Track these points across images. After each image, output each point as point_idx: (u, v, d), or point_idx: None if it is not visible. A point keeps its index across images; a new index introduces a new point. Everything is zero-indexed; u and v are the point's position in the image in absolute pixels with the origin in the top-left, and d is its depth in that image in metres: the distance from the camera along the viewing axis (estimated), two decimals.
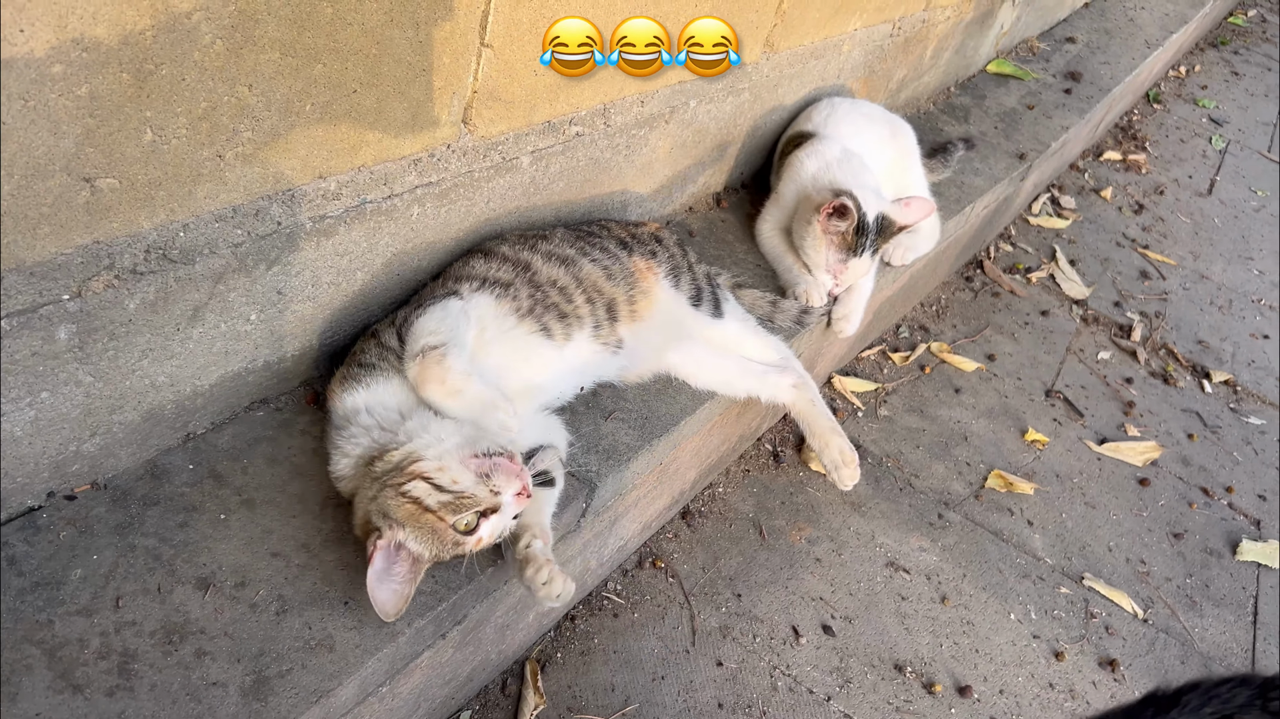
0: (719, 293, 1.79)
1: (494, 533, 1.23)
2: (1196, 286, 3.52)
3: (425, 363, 1.30)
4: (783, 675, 1.83)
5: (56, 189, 1.01)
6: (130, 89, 1.01)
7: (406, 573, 1.21)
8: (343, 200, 1.34)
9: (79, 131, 1.00)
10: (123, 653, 1.11)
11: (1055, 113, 3.34)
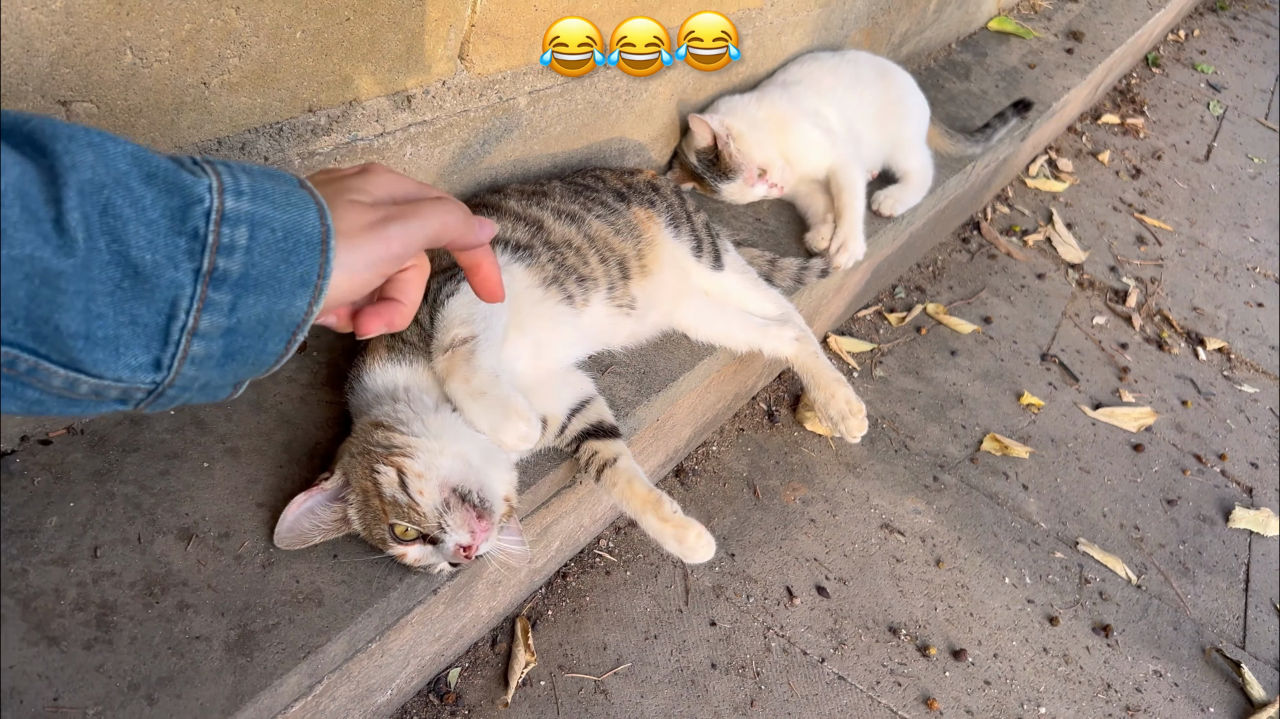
0: (719, 243, 1.74)
1: (420, 560, 1.16)
2: (1192, 253, 3.49)
3: (453, 359, 1.22)
4: (776, 636, 1.80)
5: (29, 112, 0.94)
6: (109, 6, 0.94)
7: (329, 526, 1.17)
8: (333, 136, 1.28)
9: (54, 50, 0.93)
10: (101, 604, 1.06)
11: (1056, 73, 3.29)
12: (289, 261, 0.70)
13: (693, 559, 1.38)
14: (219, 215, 0.66)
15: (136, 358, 0.66)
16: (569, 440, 1.41)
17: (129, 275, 0.64)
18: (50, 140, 0.61)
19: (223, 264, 0.67)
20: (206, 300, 0.67)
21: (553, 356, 1.42)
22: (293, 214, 0.70)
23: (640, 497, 1.38)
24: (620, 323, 1.53)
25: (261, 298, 0.69)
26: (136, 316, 0.65)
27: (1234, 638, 2.11)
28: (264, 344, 0.72)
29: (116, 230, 0.63)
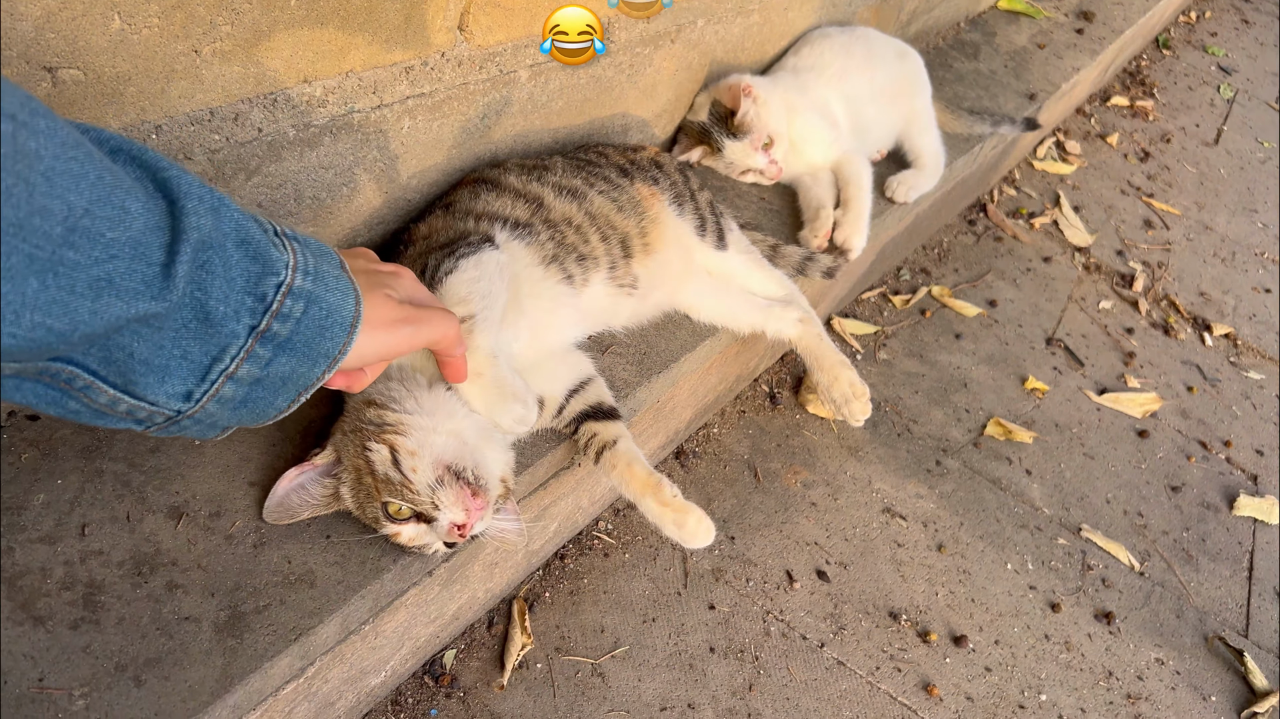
0: (722, 222, 1.70)
1: (415, 540, 1.14)
2: (1200, 237, 3.45)
3: None
4: (776, 620, 1.78)
5: (14, 79, 0.91)
6: None
7: (319, 502, 1.15)
8: (329, 108, 1.25)
9: (38, 14, 0.90)
10: (88, 584, 1.04)
11: (1066, 53, 3.24)
12: (323, 336, 0.83)
13: (692, 544, 1.35)
14: (287, 289, 0.79)
15: (175, 388, 0.76)
16: (567, 421, 1.38)
17: (199, 319, 0.73)
18: (183, 197, 0.72)
19: (275, 327, 0.78)
20: (251, 353, 0.78)
21: (551, 337, 1.39)
22: (338, 298, 0.84)
23: (640, 480, 1.35)
24: (622, 302, 1.50)
25: (293, 359, 0.81)
26: (188, 352, 0.74)
27: (1237, 626, 2.09)
28: (276, 398, 0.83)
29: (204, 282, 0.73)
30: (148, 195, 0.69)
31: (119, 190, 0.66)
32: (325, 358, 0.84)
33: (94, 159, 0.65)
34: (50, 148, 0.61)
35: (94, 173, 0.64)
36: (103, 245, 0.65)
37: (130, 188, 0.68)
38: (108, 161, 0.67)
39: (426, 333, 0.98)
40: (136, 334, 0.71)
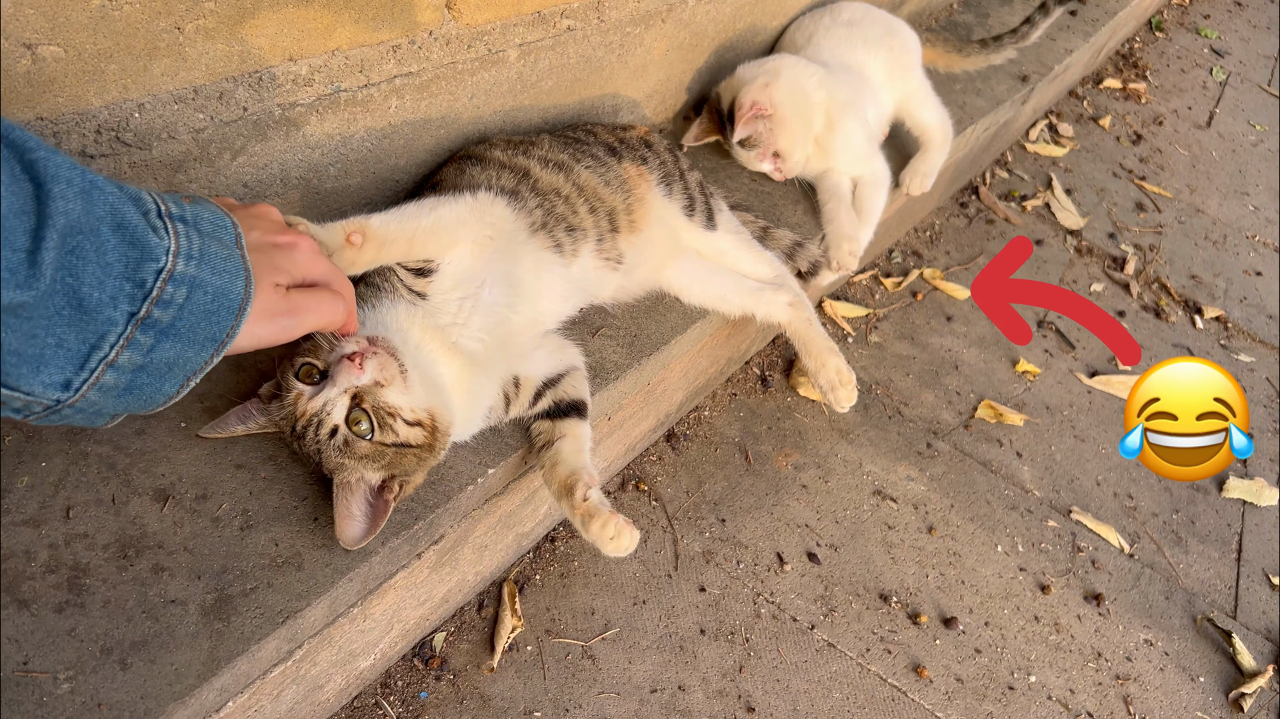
0: (712, 202, 1.69)
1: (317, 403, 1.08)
2: (1192, 220, 3.45)
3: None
4: (766, 603, 1.78)
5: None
6: None
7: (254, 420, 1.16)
8: (315, 87, 1.23)
9: None
10: (73, 567, 1.03)
11: (1059, 35, 3.23)
12: (209, 320, 0.80)
13: (606, 552, 1.24)
14: (168, 275, 0.76)
15: (52, 376, 0.73)
16: (532, 417, 1.35)
17: (72, 306, 0.71)
18: (49, 180, 0.68)
19: (156, 313, 0.76)
20: (131, 340, 0.75)
21: (539, 307, 1.37)
22: (225, 280, 0.81)
23: (559, 480, 1.28)
24: (607, 276, 1.49)
25: (176, 345, 0.79)
26: (63, 340, 0.72)
27: (1225, 608, 2.10)
28: (162, 384, 0.81)
29: (75, 268, 0.70)
30: (13, 179, 0.66)
31: None
32: (212, 342, 0.82)
33: None
34: None
35: None
36: None
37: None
38: None
39: (308, 322, 0.96)
40: (5, 324, 0.68)
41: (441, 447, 1.18)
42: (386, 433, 1.10)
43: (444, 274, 1.25)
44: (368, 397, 1.09)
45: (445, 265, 1.26)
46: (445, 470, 1.26)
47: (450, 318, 1.26)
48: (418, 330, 1.22)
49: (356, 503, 1.12)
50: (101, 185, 0.73)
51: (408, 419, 1.11)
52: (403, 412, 1.11)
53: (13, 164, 0.67)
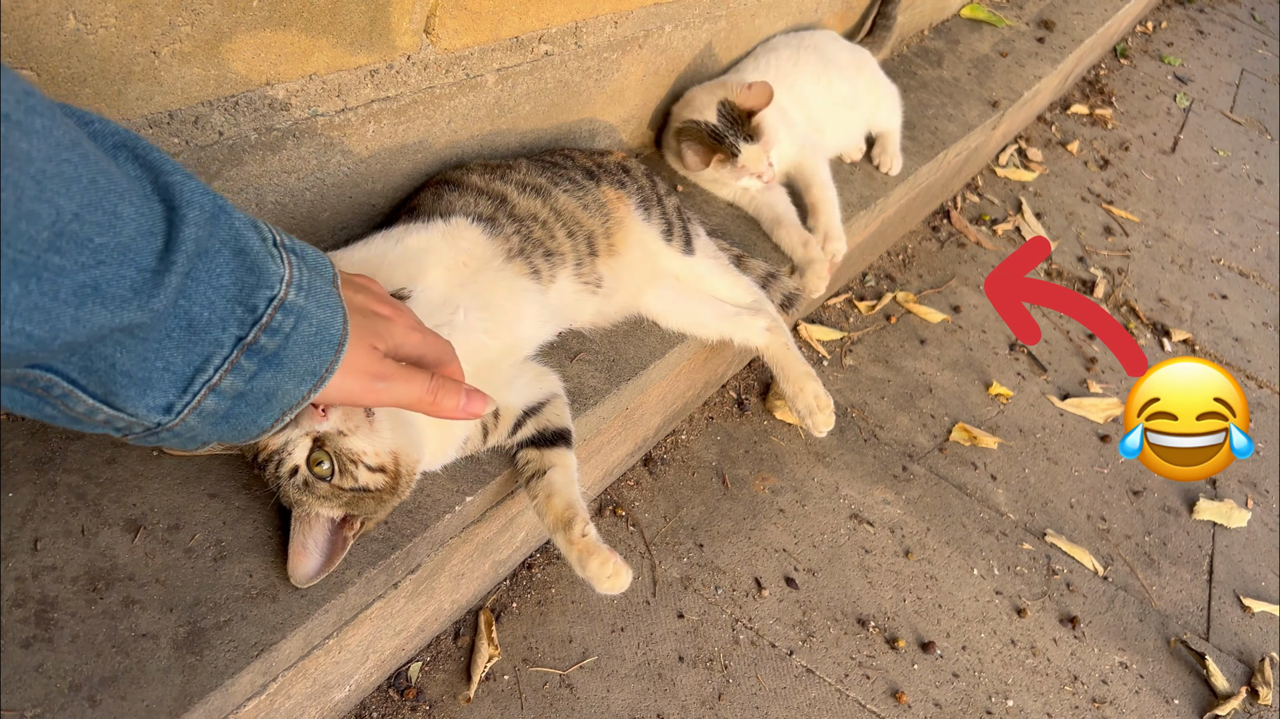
0: (690, 227, 1.70)
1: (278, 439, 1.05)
2: (1159, 244, 3.50)
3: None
4: (745, 628, 1.77)
5: None
6: None
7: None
8: (292, 112, 1.22)
9: None
10: (40, 600, 1.00)
11: (1028, 61, 3.27)
12: (311, 353, 0.80)
13: (600, 590, 1.24)
14: (280, 303, 0.76)
15: (156, 399, 0.73)
16: (516, 445, 1.34)
17: (183, 327, 0.71)
18: (184, 205, 0.69)
19: (263, 340, 0.76)
20: (235, 365, 0.75)
21: (517, 333, 1.36)
22: (328, 315, 0.81)
23: (555, 513, 1.26)
24: (586, 300, 1.48)
25: (279, 375, 0.78)
26: (171, 363, 0.72)
27: (1198, 629, 2.11)
28: (259, 415, 0.80)
29: (191, 291, 0.70)
30: (143, 199, 0.66)
31: (112, 194, 0.63)
32: (312, 376, 0.81)
33: (89, 160, 0.62)
34: (43, 149, 0.58)
35: (87, 175, 0.61)
36: (90, 251, 0.62)
37: (125, 191, 0.65)
38: (104, 162, 0.64)
39: (398, 391, 0.93)
40: (120, 344, 0.68)
41: (405, 487, 1.15)
42: (346, 478, 1.07)
43: (418, 302, 1.24)
44: (330, 441, 1.06)
45: (419, 293, 1.24)
46: (422, 498, 1.24)
47: None
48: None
49: (314, 537, 1.10)
50: (230, 210, 0.74)
51: (370, 465, 1.08)
52: (366, 457, 1.08)
53: (145, 184, 0.68)
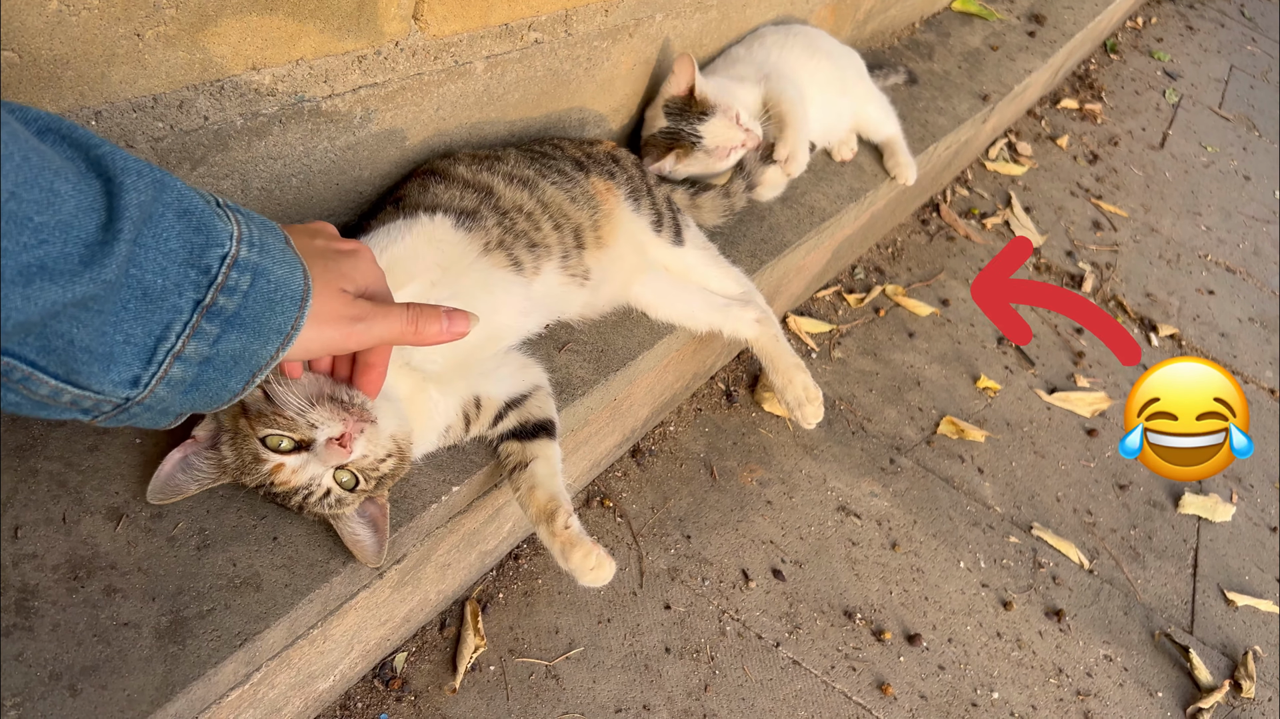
0: (680, 218, 1.69)
1: (299, 473, 1.06)
2: (1147, 239, 3.51)
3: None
4: (731, 620, 1.77)
5: None
6: None
7: (205, 475, 1.09)
8: (278, 97, 1.21)
9: None
10: (21, 589, 0.99)
11: (1019, 55, 3.27)
12: (273, 310, 0.79)
13: (583, 582, 1.23)
14: (232, 260, 0.75)
15: (121, 373, 0.72)
16: (499, 436, 1.33)
17: (137, 297, 0.70)
18: (120, 173, 0.68)
19: (222, 301, 0.75)
20: (197, 329, 0.74)
21: (494, 323, 1.33)
22: (286, 271, 0.80)
23: (538, 505, 1.25)
24: (573, 293, 1.48)
25: (243, 336, 0.78)
26: (131, 335, 0.71)
27: (1182, 623, 2.12)
28: (228, 379, 0.80)
29: (140, 259, 0.70)
30: (79, 175, 0.66)
31: (46, 171, 0.63)
32: (277, 333, 0.81)
33: (18, 139, 0.62)
34: None
35: (19, 154, 0.61)
36: (31, 230, 0.62)
37: (60, 168, 0.65)
38: (34, 142, 0.64)
39: (378, 331, 0.94)
40: (76, 319, 0.67)
41: (410, 455, 1.18)
42: (367, 480, 1.10)
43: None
44: (348, 466, 1.08)
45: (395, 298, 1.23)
46: (408, 488, 1.24)
47: None
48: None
49: (357, 523, 1.13)
50: (167, 175, 0.74)
51: (382, 458, 1.11)
52: (381, 455, 1.10)
53: (78, 162, 0.67)
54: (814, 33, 2.24)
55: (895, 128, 2.31)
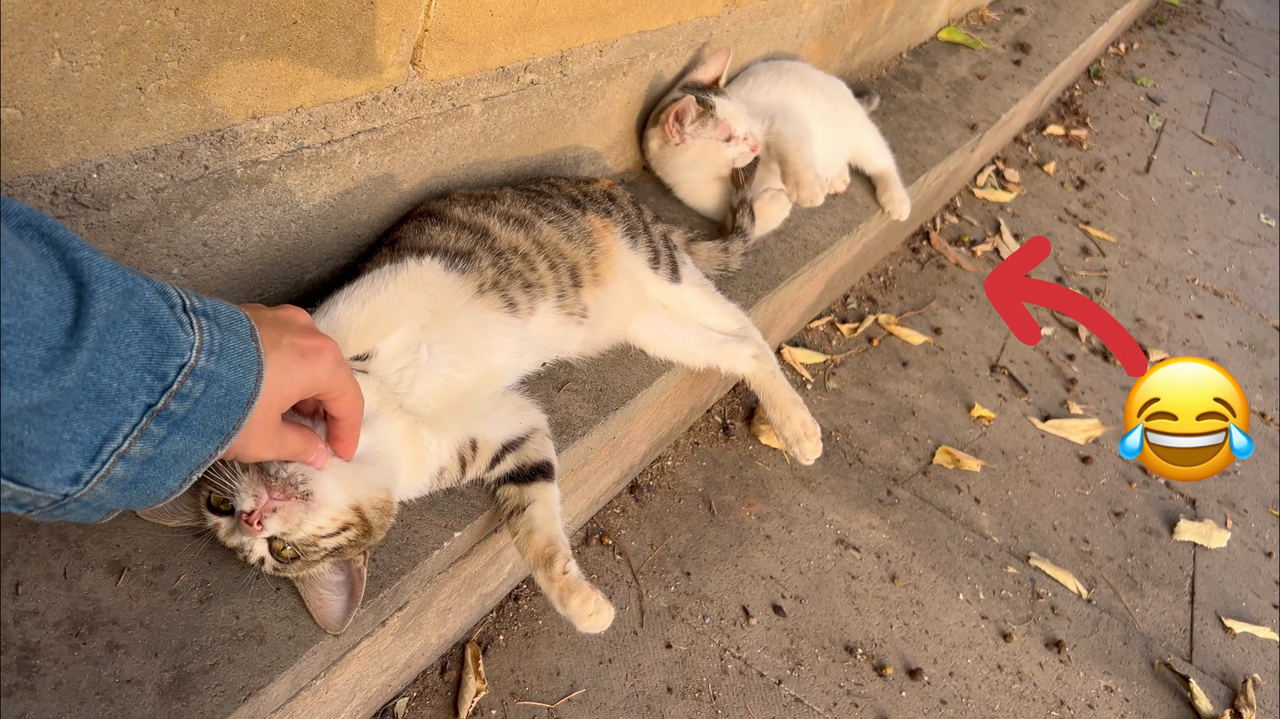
0: (676, 255, 1.69)
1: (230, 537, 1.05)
2: (1135, 264, 3.53)
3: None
4: (733, 658, 1.76)
5: None
6: (37, 6, 0.87)
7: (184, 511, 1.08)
8: (278, 144, 1.21)
9: None
10: (23, 647, 0.98)
11: (1005, 84, 3.30)
12: (220, 414, 0.80)
13: (581, 628, 1.22)
14: (190, 369, 0.75)
15: (64, 471, 0.71)
16: (496, 480, 1.31)
17: (90, 399, 0.70)
18: (93, 280, 0.68)
19: (173, 406, 0.75)
20: (145, 432, 0.74)
21: (488, 365, 1.33)
22: (239, 375, 0.81)
23: (535, 549, 1.24)
24: (571, 331, 1.47)
25: (186, 437, 0.78)
26: (78, 435, 0.70)
27: (1181, 651, 2.12)
28: (166, 478, 0.80)
29: (99, 363, 0.69)
30: (52, 277, 0.65)
31: (20, 274, 0.62)
32: (219, 434, 0.81)
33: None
34: None
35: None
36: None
37: (34, 270, 0.64)
38: (13, 242, 0.63)
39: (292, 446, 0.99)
40: (29, 423, 0.66)
41: (385, 520, 1.14)
42: (313, 551, 1.06)
43: (381, 356, 1.22)
44: (280, 539, 1.05)
45: (383, 347, 1.22)
46: (410, 535, 1.23)
47: (393, 385, 1.22)
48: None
49: (324, 586, 1.10)
50: (141, 284, 0.73)
51: (332, 531, 1.06)
52: (323, 530, 1.06)
53: (53, 262, 0.66)
54: (804, 68, 2.26)
55: (889, 159, 2.33)
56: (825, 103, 2.19)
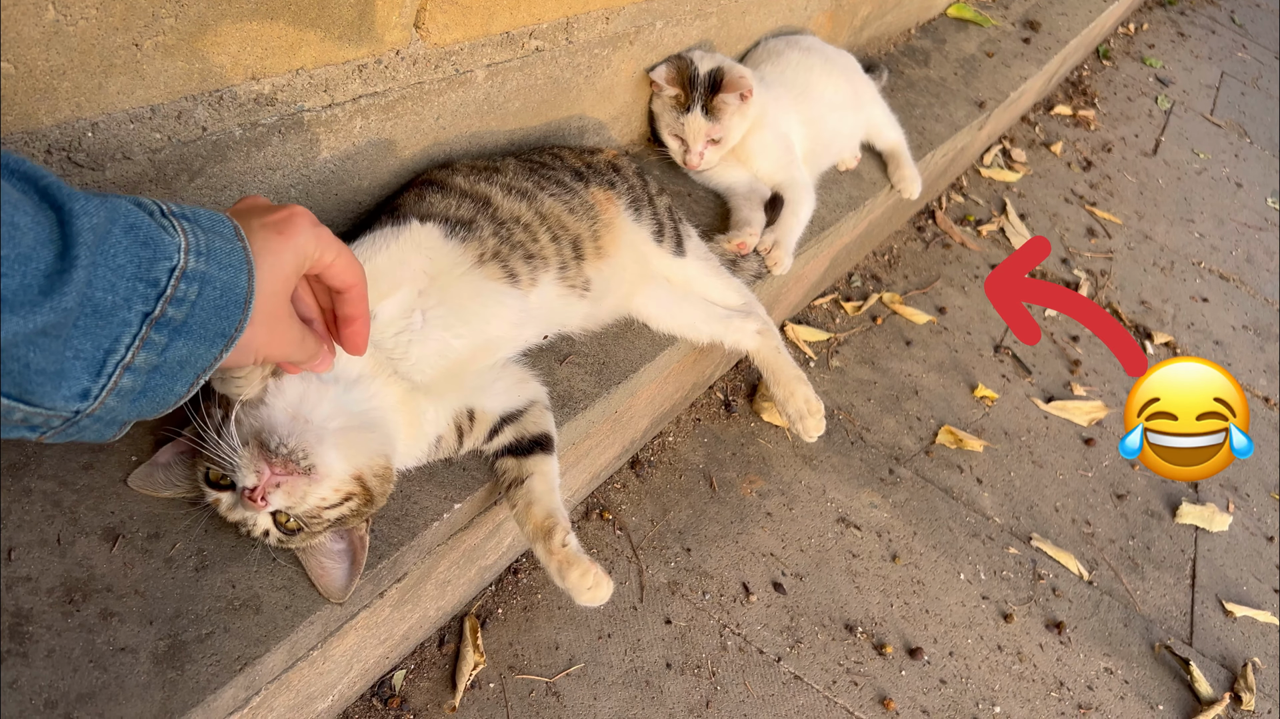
0: (681, 228, 1.67)
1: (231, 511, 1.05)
2: (1141, 246, 3.51)
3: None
4: (733, 634, 1.75)
5: None
6: None
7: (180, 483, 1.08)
8: (277, 107, 1.19)
9: None
10: (15, 613, 0.97)
11: (1014, 62, 3.27)
12: (219, 316, 0.79)
13: (580, 602, 1.22)
14: (181, 272, 0.75)
15: (72, 388, 0.71)
16: (494, 452, 1.30)
17: (87, 314, 0.70)
18: (68, 199, 0.68)
19: (170, 312, 0.75)
20: (146, 340, 0.74)
21: (486, 334, 1.31)
22: (231, 274, 0.80)
23: (535, 522, 1.24)
24: (574, 304, 1.45)
25: (189, 342, 0.78)
26: (80, 350, 0.71)
27: (1181, 634, 2.11)
28: (174, 384, 0.80)
29: (93, 279, 0.69)
30: (35, 207, 0.65)
31: (7, 206, 0.63)
32: (222, 337, 0.81)
33: None
34: None
35: None
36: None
37: (17, 202, 0.64)
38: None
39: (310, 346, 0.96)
40: (34, 345, 0.67)
41: (386, 487, 1.14)
42: (316, 523, 1.06)
43: (379, 319, 1.20)
44: (284, 512, 1.05)
45: (381, 310, 1.20)
46: (409, 506, 1.21)
47: (389, 350, 1.21)
48: (358, 363, 1.16)
49: (326, 554, 1.09)
50: (114, 197, 0.73)
51: (334, 502, 1.06)
52: (326, 501, 1.06)
53: (31, 194, 0.66)
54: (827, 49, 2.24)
55: (899, 134, 2.31)
56: (846, 86, 2.17)
